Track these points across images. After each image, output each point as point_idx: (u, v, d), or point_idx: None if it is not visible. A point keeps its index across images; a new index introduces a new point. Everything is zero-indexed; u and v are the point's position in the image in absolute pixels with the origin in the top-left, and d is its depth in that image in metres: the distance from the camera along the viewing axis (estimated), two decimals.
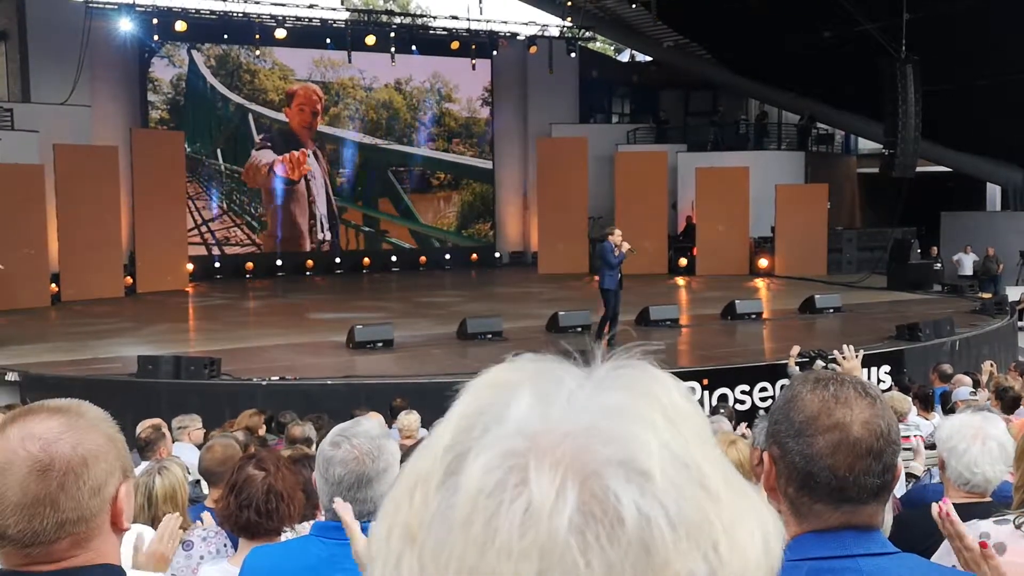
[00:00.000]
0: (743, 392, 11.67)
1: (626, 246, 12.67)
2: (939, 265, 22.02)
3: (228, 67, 24.69)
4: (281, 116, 25.18)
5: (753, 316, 15.91)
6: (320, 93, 25.65)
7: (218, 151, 24.41)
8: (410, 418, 7.78)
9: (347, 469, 2.27)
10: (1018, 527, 2.20)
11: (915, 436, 5.84)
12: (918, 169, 21.22)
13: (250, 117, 24.86)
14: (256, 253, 24.80)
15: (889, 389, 10.20)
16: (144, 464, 4.51)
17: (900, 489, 4.42)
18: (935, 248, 22.97)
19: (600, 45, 35.86)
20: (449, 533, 0.51)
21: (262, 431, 8.11)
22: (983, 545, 1.94)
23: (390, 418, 8.60)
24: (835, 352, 4.62)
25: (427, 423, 8.18)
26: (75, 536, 1.37)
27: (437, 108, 27.22)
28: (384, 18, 28.09)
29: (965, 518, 2.54)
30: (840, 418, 1.52)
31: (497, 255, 27.72)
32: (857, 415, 1.52)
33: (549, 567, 0.49)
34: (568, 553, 0.49)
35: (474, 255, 27.24)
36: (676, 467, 0.53)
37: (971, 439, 2.90)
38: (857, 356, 4.26)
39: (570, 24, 27.80)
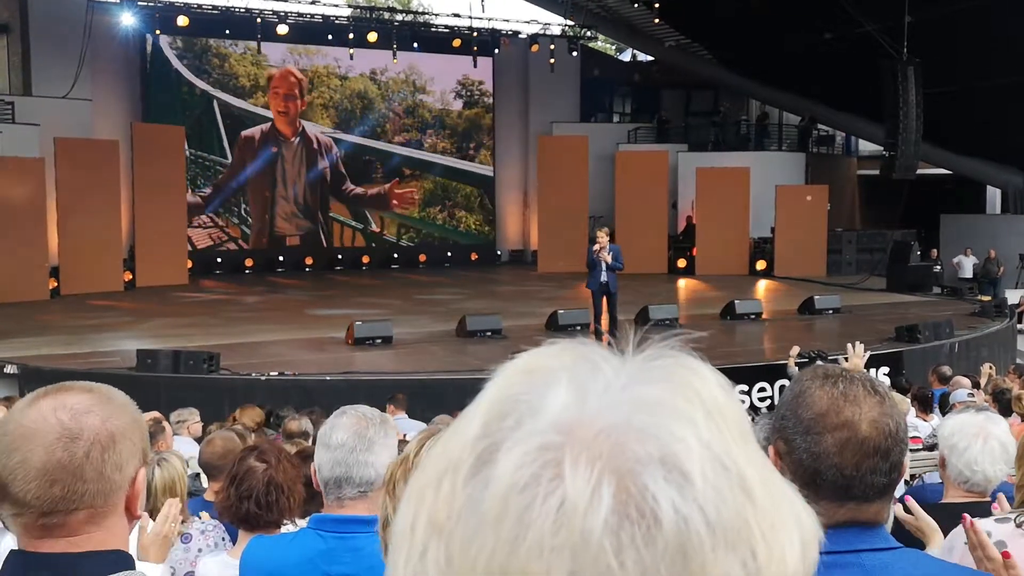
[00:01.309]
0: (742, 392, 11.66)
1: (596, 248, 12.63)
2: (939, 267, 22.02)
3: (196, 50, 24.52)
4: (247, 104, 24.97)
5: (752, 316, 15.91)
6: (298, 75, 25.51)
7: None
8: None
9: (350, 432, 2.30)
10: (1019, 526, 2.20)
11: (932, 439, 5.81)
12: (918, 171, 21.23)
13: (215, 104, 24.71)
14: (255, 249, 24.81)
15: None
16: None
17: (899, 489, 4.42)
18: (935, 250, 22.97)
19: (601, 44, 35.84)
20: (479, 527, 0.49)
21: (260, 426, 8.09)
22: (1006, 555, 1.94)
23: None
24: (847, 350, 4.59)
25: (427, 418, 8.18)
26: (92, 510, 1.38)
27: (411, 100, 27.21)
28: (386, 15, 28.08)
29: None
30: (849, 416, 1.50)
31: (497, 253, 27.73)
32: (866, 413, 1.51)
33: (582, 567, 0.48)
34: (602, 554, 0.48)
35: (474, 254, 27.26)
36: (716, 468, 0.51)
37: (972, 437, 2.89)
38: (864, 356, 4.27)
39: (572, 23, 27.79)
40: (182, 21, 22.47)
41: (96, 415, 1.39)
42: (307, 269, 24.68)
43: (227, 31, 23.73)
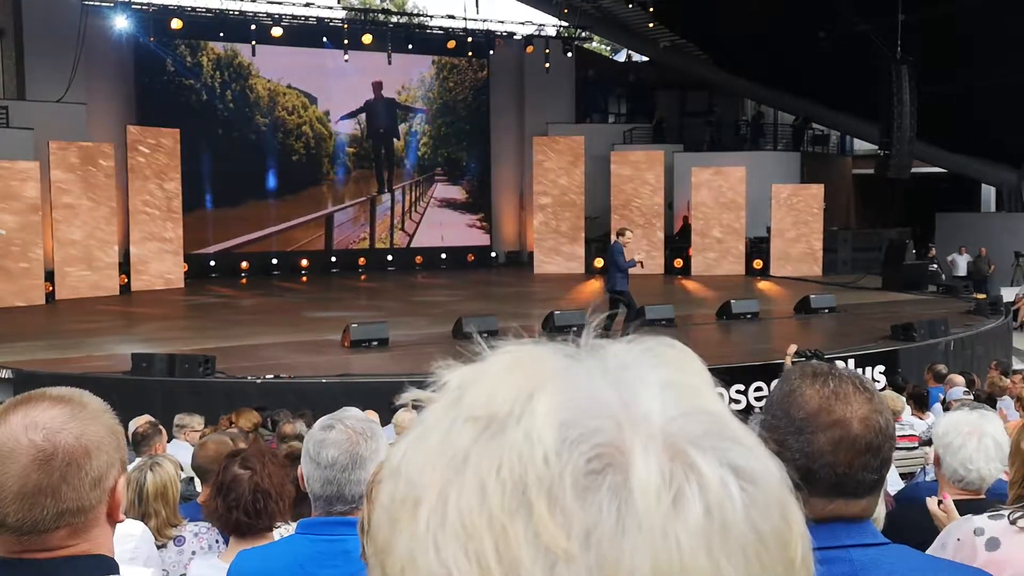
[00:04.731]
0: (738, 392, 11.64)
1: (638, 256, 12.80)
2: (935, 266, 22.04)
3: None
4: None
5: (748, 316, 15.90)
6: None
7: None
8: (409, 415, 7.69)
9: (341, 450, 2.25)
10: (1013, 522, 2.19)
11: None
12: (913, 170, 21.25)
13: None
14: (251, 253, 24.79)
15: (883, 389, 10.19)
16: (137, 460, 4.49)
17: (895, 487, 4.41)
18: (933, 249, 22.99)
19: (597, 45, 35.85)
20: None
21: (257, 428, 8.06)
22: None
23: (388, 415, 8.53)
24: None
25: None
26: (73, 526, 1.37)
27: None
28: (381, 17, 28.07)
29: (959, 515, 2.54)
30: (841, 415, 1.50)
31: (493, 255, 27.70)
32: (856, 411, 1.51)
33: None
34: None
35: (470, 255, 27.25)
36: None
37: (967, 435, 2.88)
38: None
39: (567, 24, 27.79)
40: (176, 24, 22.46)
41: (70, 432, 1.36)
42: (303, 272, 24.65)
43: (221, 34, 23.70)
